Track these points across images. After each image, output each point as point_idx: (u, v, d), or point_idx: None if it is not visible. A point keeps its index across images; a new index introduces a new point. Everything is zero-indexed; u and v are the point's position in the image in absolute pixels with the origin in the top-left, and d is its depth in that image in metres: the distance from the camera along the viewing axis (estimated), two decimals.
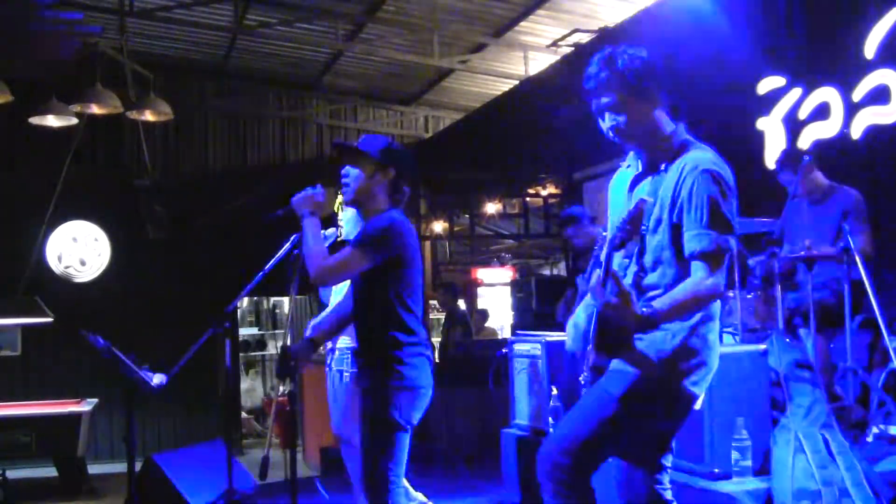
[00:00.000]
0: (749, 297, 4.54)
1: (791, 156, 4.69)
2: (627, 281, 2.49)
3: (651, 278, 2.49)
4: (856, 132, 4.97)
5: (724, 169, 2.46)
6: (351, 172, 3.22)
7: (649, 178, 2.55)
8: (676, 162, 2.47)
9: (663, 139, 2.55)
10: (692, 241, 2.39)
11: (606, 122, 2.56)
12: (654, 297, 2.43)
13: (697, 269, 2.38)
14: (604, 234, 2.63)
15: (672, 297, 2.38)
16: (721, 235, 2.37)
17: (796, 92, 5.37)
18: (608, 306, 2.29)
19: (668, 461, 2.61)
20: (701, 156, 2.46)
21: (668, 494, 2.60)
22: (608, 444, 2.48)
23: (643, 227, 2.40)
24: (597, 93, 2.54)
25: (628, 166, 2.68)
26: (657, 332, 2.42)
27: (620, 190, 2.66)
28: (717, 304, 2.51)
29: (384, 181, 3.21)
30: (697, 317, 2.44)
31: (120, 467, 5.82)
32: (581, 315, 2.60)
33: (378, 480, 3.01)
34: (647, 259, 2.49)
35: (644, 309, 2.32)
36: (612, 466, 2.61)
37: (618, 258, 2.49)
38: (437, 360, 8.27)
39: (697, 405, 2.52)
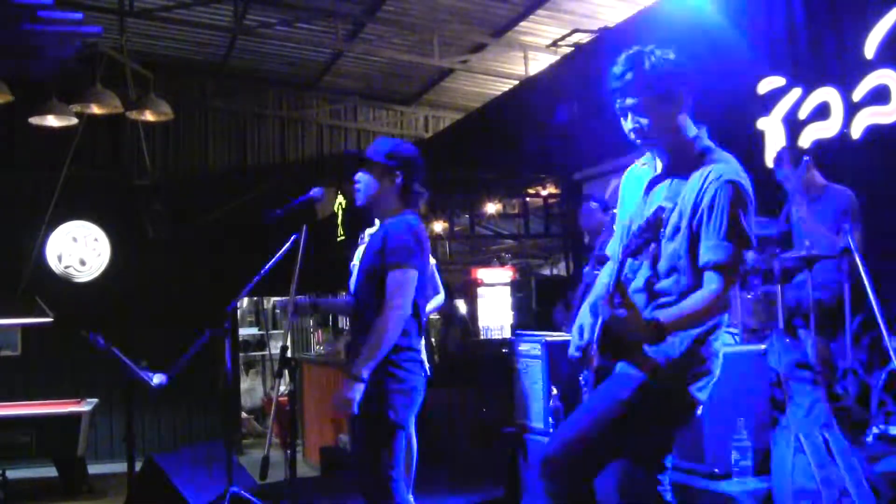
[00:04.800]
0: (749, 297, 4.54)
1: (789, 152, 4.69)
2: (639, 284, 2.48)
3: (664, 284, 2.47)
4: (856, 132, 4.97)
5: (746, 180, 2.43)
6: (362, 178, 3.26)
7: (668, 182, 2.52)
8: (699, 169, 2.44)
9: (685, 143, 2.52)
10: (708, 251, 2.37)
11: (629, 124, 2.52)
12: (665, 304, 2.42)
13: (711, 281, 2.37)
14: (613, 227, 2.62)
15: (681, 308, 2.37)
16: (738, 248, 2.35)
17: (796, 92, 5.37)
18: (615, 319, 2.28)
19: (668, 462, 2.62)
20: (724, 165, 2.43)
21: (669, 496, 2.60)
22: (611, 447, 2.48)
23: (661, 234, 2.40)
24: (621, 93, 2.50)
25: (644, 164, 2.65)
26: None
27: (635, 189, 2.64)
28: (723, 318, 2.49)
29: (392, 185, 3.23)
30: (707, 325, 2.43)
31: (120, 467, 5.83)
32: (585, 317, 2.60)
33: (380, 481, 3.04)
34: (662, 265, 2.47)
35: (652, 319, 2.32)
36: (614, 466, 2.61)
37: (629, 262, 2.47)
38: (436, 361, 8.28)
39: (699, 410, 2.52)
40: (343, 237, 9.60)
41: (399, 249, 3.09)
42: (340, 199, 10.07)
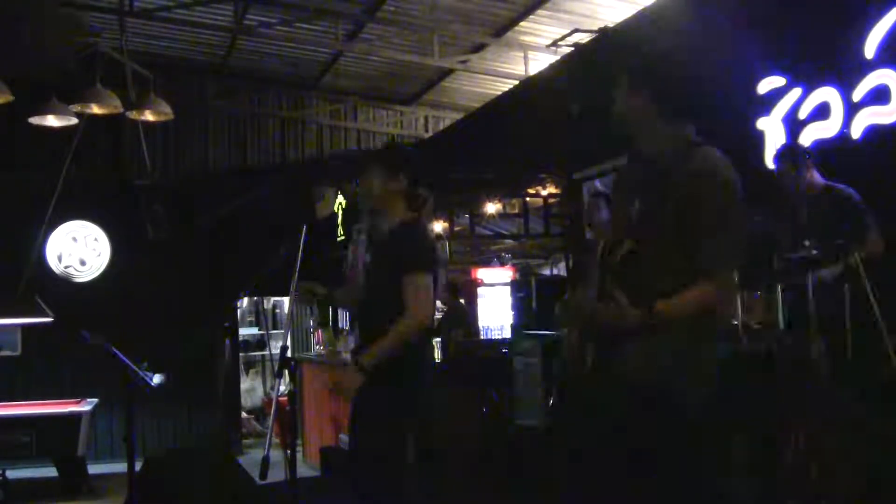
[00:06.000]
0: (749, 297, 4.53)
1: (789, 150, 4.70)
2: (629, 283, 2.46)
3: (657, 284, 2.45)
4: (856, 132, 4.97)
5: (732, 175, 2.41)
6: (366, 179, 3.29)
7: (656, 180, 2.50)
8: (684, 165, 2.43)
9: (672, 139, 2.50)
10: (701, 251, 2.36)
11: (617, 111, 2.54)
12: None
13: (704, 280, 2.35)
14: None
15: (674, 302, 2.34)
16: (729, 244, 2.34)
17: (796, 92, 5.37)
18: (604, 314, 2.27)
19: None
20: (708, 161, 2.41)
21: None
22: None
23: (647, 231, 2.39)
24: (619, 80, 2.52)
25: (636, 165, 2.64)
26: (660, 342, 2.39)
27: (627, 190, 2.63)
28: (721, 323, 2.48)
29: (398, 188, 3.25)
30: (702, 330, 2.41)
31: (120, 467, 5.82)
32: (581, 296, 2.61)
33: (384, 480, 3.06)
34: (653, 265, 2.44)
35: (644, 307, 2.31)
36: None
37: (612, 262, 2.47)
38: (437, 360, 8.29)
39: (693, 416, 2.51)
40: (343, 237, 9.60)
41: (417, 257, 3.15)
42: (340, 199, 10.07)
